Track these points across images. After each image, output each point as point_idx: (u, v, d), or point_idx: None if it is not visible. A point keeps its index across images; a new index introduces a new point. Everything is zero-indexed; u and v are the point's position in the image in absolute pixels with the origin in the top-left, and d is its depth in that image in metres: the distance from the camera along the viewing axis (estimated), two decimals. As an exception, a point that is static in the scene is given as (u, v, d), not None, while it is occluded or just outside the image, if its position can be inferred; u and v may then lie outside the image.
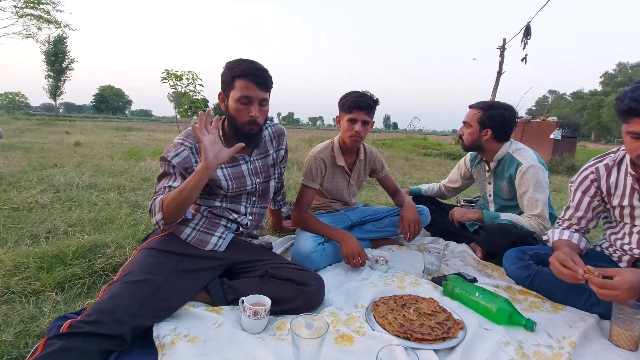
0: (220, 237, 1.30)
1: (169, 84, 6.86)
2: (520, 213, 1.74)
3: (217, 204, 1.34)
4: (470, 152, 2.00)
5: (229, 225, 1.36)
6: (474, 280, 1.51)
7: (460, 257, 1.79)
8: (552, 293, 1.33)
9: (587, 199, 1.35)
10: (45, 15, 5.74)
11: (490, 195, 1.88)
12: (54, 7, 5.78)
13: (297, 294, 1.16)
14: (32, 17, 5.67)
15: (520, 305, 1.30)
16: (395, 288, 1.37)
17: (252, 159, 1.38)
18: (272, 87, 1.29)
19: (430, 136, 24.31)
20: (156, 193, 1.19)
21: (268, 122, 1.46)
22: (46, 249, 1.47)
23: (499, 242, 1.60)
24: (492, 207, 1.90)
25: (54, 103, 47.30)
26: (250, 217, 1.42)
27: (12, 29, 5.37)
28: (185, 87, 6.96)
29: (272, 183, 1.49)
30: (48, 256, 1.44)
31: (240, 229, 1.39)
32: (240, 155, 1.34)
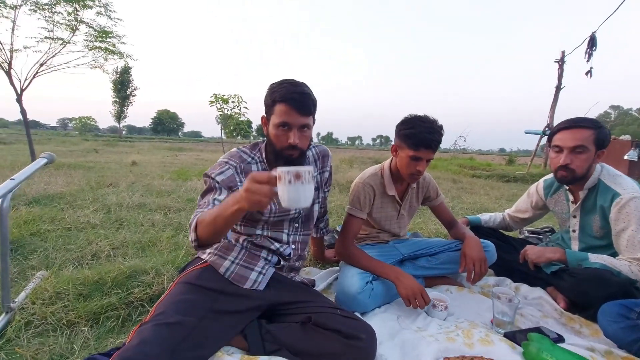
0: (260, 272, 1.19)
1: (216, 107, 7.19)
2: (613, 254, 1.43)
3: (258, 232, 1.25)
4: (544, 178, 1.72)
5: (269, 257, 1.25)
6: (560, 339, 1.22)
7: (537, 305, 1.49)
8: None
9: None
10: (111, 48, 6.33)
11: (574, 231, 1.56)
12: (119, 40, 6.37)
13: (345, 349, 0.99)
14: (99, 50, 6.27)
15: (631, 381, 1.00)
16: (461, 345, 1.13)
17: None
18: (314, 112, 1.19)
19: (476, 155, 23.01)
20: (199, 207, 1.11)
21: (312, 143, 1.37)
22: (87, 275, 1.44)
23: (592, 293, 1.30)
24: (574, 246, 1.58)
25: (118, 125, 52.52)
26: (293, 246, 1.30)
27: (82, 60, 6.10)
28: (231, 109, 7.25)
29: (316, 207, 1.39)
30: (89, 282, 1.42)
31: (282, 262, 1.28)
32: None
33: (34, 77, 5.98)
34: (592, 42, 6.29)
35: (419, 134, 1.36)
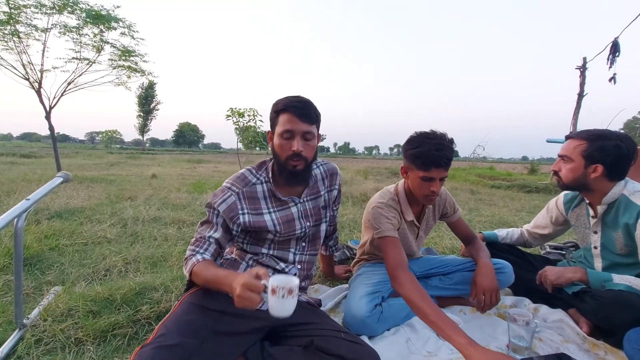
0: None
1: (233, 120, 7.35)
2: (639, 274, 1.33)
3: (264, 250, 1.25)
4: (565, 192, 1.63)
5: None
6: (584, 368, 1.14)
7: (557, 328, 1.40)
8: None
9: None
10: (134, 66, 6.64)
11: (595, 248, 1.47)
12: (141, 59, 6.69)
13: (346, 375, 0.95)
14: (123, 68, 6.59)
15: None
16: (473, 373, 1.07)
17: (302, 200, 1.26)
18: (318, 121, 1.19)
19: (497, 164, 22.31)
20: (196, 242, 1.13)
21: (320, 160, 1.36)
22: (98, 291, 1.47)
23: (617, 317, 1.21)
24: (597, 264, 1.49)
25: (142, 138, 54.60)
26: (299, 267, 1.29)
27: (106, 78, 6.52)
28: (247, 122, 7.40)
29: (323, 227, 1.36)
30: (99, 299, 1.44)
31: (288, 281, 1.26)
32: (289, 197, 1.23)
33: (61, 95, 6.33)
34: (614, 48, 6.05)
35: (427, 152, 1.28)
